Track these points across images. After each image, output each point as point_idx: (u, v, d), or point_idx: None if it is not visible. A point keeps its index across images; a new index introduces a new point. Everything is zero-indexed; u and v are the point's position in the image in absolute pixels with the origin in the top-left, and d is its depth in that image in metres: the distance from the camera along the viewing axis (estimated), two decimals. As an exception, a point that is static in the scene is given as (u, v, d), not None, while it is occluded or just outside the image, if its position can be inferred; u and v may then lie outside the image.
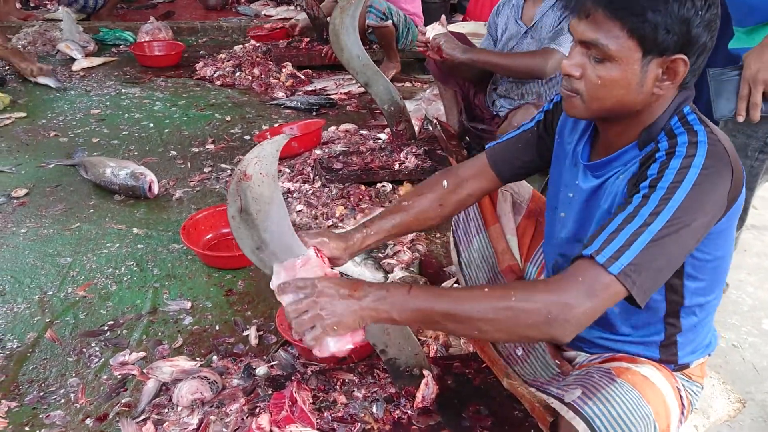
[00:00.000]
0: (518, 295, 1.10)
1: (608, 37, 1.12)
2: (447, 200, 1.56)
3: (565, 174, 1.42)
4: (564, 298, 1.07)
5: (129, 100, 3.93)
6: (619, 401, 1.14)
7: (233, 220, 1.25)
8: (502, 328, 1.11)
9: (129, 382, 1.82)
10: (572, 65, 1.19)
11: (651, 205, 1.09)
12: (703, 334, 1.40)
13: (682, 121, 1.19)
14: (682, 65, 1.12)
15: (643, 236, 1.07)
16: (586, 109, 1.21)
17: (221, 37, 5.37)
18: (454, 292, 1.18)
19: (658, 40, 1.10)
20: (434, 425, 1.57)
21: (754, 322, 2.21)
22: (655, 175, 1.12)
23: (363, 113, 3.89)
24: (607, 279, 1.07)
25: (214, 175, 3.05)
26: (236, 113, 3.81)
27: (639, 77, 1.14)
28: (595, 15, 1.13)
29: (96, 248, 2.46)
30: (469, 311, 1.11)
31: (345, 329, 1.14)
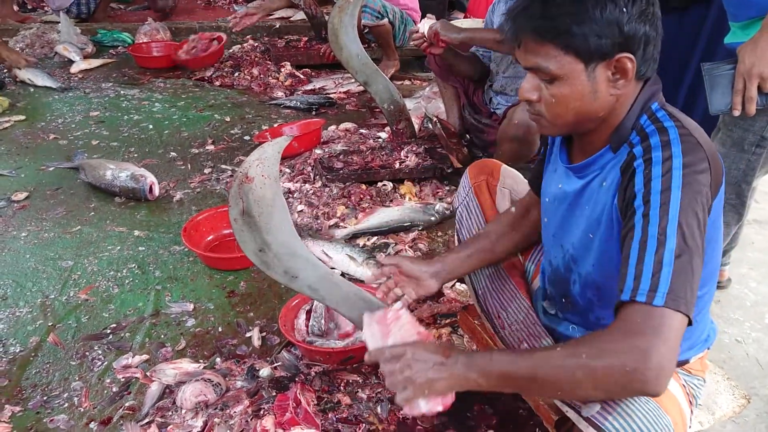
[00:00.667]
0: (587, 352, 1.07)
1: (547, 60, 1.14)
2: (519, 223, 1.62)
3: (549, 182, 1.44)
4: (634, 344, 1.02)
5: (128, 102, 3.93)
6: (639, 415, 1.13)
7: (236, 223, 1.25)
8: (583, 386, 1.07)
9: (132, 385, 1.82)
10: (528, 90, 1.21)
11: (654, 220, 1.08)
12: (700, 329, 1.39)
13: (651, 118, 1.19)
14: (629, 62, 1.13)
15: (665, 258, 1.05)
16: (554, 127, 1.24)
17: (219, 37, 5.35)
18: (532, 354, 1.17)
19: (593, 48, 1.11)
20: (439, 425, 1.58)
21: (758, 317, 2.21)
22: (643, 189, 1.12)
23: (362, 112, 3.88)
24: (658, 312, 1.03)
25: (215, 176, 3.05)
26: (235, 114, 3.80)
27: (590, 86, 1.15)
28: (526, 42, 1.17)
29: (97, 251, 2.45)
30: (546, 373, 1.09)
31: (436, 393, 1.17)
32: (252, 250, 1.28)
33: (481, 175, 1.77)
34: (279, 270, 1.31)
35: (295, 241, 1.30)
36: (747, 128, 1.78)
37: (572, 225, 1.35)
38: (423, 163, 2.89)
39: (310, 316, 1.98)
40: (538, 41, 1.14)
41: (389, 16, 4.10)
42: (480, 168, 1.80)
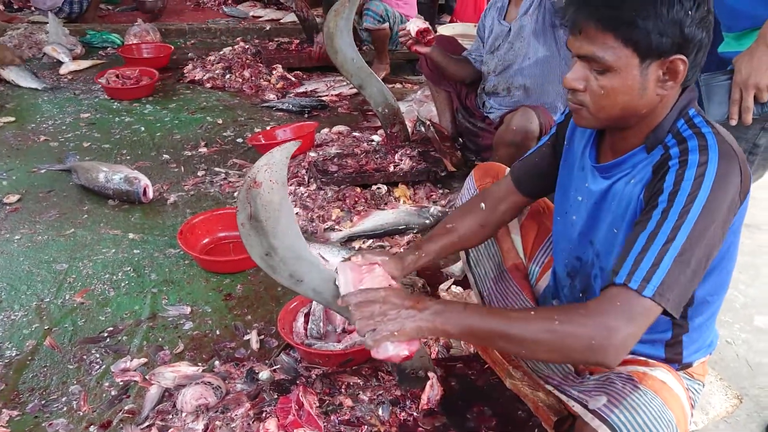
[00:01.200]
0: (561, 318, 1.13)
1: (604, 49, 1.15)
2: (487, 221, 1.62)
3: (575, 179, 1.45)
4: (605, 322, 1.09)
5: (119, 104, 3.91)
6: (644, 409, 1.16)
7: (243, 227, 1.25)
8: (549, 349, 1.14)
9: (131, 388, 1.82)
10: (575, 79, 1.21)
11: (672, 219, 1.11)
12: (707, 334, 1.42)
13: (689, 123, 1.21)
14: (682, 65, 1.15)
15: (669, 253, 1.09)
16: (595, 119, 1.24)
17: (209, 39, 5.34)
18: (505, 312, 1.24)
19: (653, 45, 1.12)
20: (440, 426, 1.59)
21: (747, 319, 2.25)
22: (672, 187, 1.14)
23: (355, 115, 3.90)
24: (644, 303, 1.09)
25: (209, 178, 3.05)
26: (228, 116, 3.80)
27: (640, 82, 1.16)
28: (587, 30, 1.16)
29: (92, 254, 2.44)
30: (516, 332, 1.15)
31: (404, 337, 1.20)
32: (258, 255, 1.28)
33: (487, 177, 1.79)
34: (285, 274, 1.32)
35: (300, 244, 1.32)
36: (740, 136, 1.81)
37: (598, 221, 1.37)
38: (417, 167, 2.91)
39: (308, 319, 1.99)
40: (599, 30, 1.15)
41: (390, 20, 4.12)
42: (485, 170, 1.82)
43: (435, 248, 1.59)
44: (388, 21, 4.10)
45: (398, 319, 1.19)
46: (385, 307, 1.21)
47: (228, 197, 2.88)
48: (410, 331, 1.19)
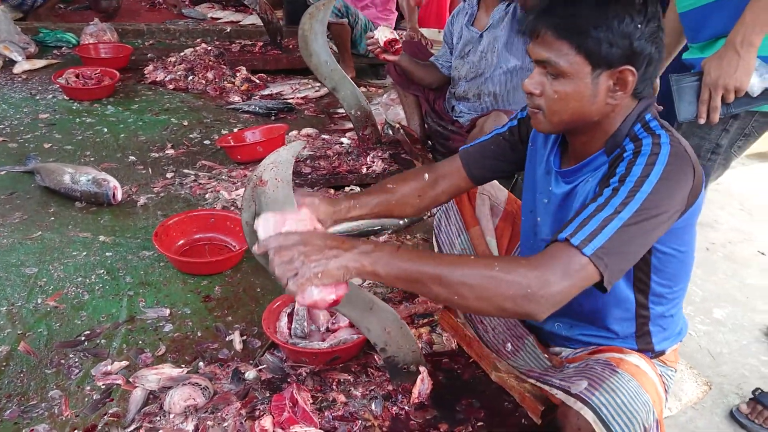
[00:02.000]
0: (501, 266, 1.14)
1: (559, 56, 1.24)
2: (425, 193, 1.64)
3: (539, 181, 1.52)
4: (543, 274, 1.12)
5: (79, 104, 3.81)
6: (623, 391, 1.23)
7: (247, 226, 1.27)
8: (482, 296, 1.13)
9: (114, 392, 1.79)
10: (533, 83, 1.30)
11: (621, 196, 1.18)
12: (674, 323, 1.52)
13: (644, 127, 1.29)
14: (630, 75, 1.23)
15: (613, 222, 1.15)
16: (549, 123, 1.32)
17: (168, 40, 5.27)
18: (441, 256, 1.24)
19: (603, 54, 1.21)
20: (431, 419, 1.63)
21: (706, 312, 2.38)
22: (623, 171, 1.21)
23: (322, 117, 3.91)
24: (582, 260, 1.13)
25: (178, 180, 3.01)
26: (193, 118, 3.75)
27: (591, 89, 1.25)
28: (544, 36, 1.25)
29: (62, 257, 2.38)
30: (452, 275, 1.13)
31: (329, 278, 1.13)
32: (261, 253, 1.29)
33: None
34: (285, 271, 1.33)
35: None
36: (704, 136, 1.93)
37: (562, 222, 1.43)
38: (389, 168, 2.96)
39: (291, 318, 2.00)
40: (555, 37, 1.23)
41: (350, 18, 4.15)
42: None
43: (371, 202, 1.57)
44: (348, 18, 4.12)
45: (321, 260, 1.12)
46: (306, 248, 1.13)
47: (199, 199, 2.86)
48: (335, 272, 1.13)
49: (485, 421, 1.65)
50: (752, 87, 1.69)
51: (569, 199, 1.41)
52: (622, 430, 1.19)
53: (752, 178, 3.65)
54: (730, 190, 3.35)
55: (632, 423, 1.19)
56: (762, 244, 2.87)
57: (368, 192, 1.61)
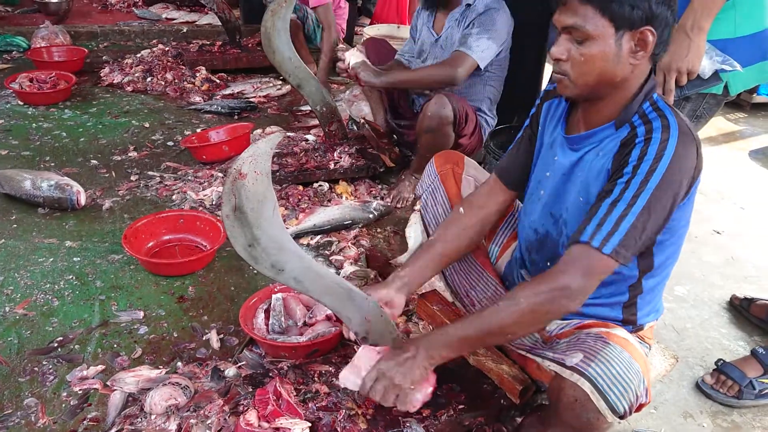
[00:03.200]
0: (527, 294, 1.32)
1: (585, 20, 1.31)
2: (469, 226, 1.71)
3: (542, 157, 1.58)
4: (565, 279, 1.29)
5: (34, 109, 3.70)
6: (617, 361, 1.29)
7: (227, 219, 1.27)
8: (529, 325, 1.37)
9: (92, 396, 1.77)
10: (559, 50, 1.36)
11: (633, 188, 1.29)
12: (657, 298, 1.59)
13: (653, 106, 1.37)
14: (651, 35, 1.31)
15: (628, 218, 1.28)
16: (575, 86, 1.38)
17: (123, 42, 5.16)
18: (478, 315, 1.38)
19: (626, 16, 1.28)
20: (413, 405, 1.66)
21: (668, 289, 2.47)
22: (636, 161, 1.30)
23: (285, 116, 3.90)
24: (602, 258, 1.28)
25: (143, 183, 2.96)
26: (154, 119, 3.70)
27: (615, 50, 1.32)
28: (570, 3, 1.33)
29: (28, 264, 2.33)
30: (497, 326, 1.35)
31: (419, 382, 1.39)
32: (242, 245, 1.30)
33: (448, 164, 1.88)
34: (266, 264, 1.34)
35: (283, 234, 1.34)
36: None
37: (566, 192, 1.49)
38: (357, 163, 2.98)
39: (268, 315, 2.01)
40: (580, 2, 1.30)
41: (299, 13, 4.13)
42: (446, 157, 1.92)
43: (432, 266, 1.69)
44: (296, 13, 4.10)
45: (405, 376, 1.37)
46: (390, 374, 1.38)
47: (166, 200, 2.82)
48: (419, 376, 1.38)
49: (466, 404, 1.69)
50: (703, 69, 1.77)
51: (575, 168, 1.47)
52: (617, 398, 1.26)
53: (705, 162, 3.78)
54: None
55: (626, 391, 1.27)
56: (716, 224, 2.99)
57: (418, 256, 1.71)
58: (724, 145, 4.08)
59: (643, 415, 1.86)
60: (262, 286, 2.23)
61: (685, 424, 1.86)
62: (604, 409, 1.26)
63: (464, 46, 2.67)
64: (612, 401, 1.26)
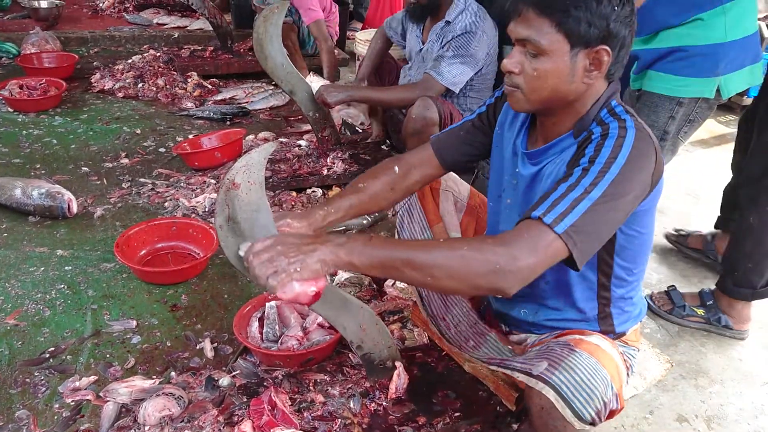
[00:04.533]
0: (470, 246, 1.19)
1: (540, 34, 1.28)
2: (397, 185, 1.67)
3: (506, 163, 1.56)
4: (511, 251, 1.17)
5: (24, 116, 3.67)
6: (581, 368, 1.28)
7: (221, 230, 1.26)
8: (454, 275, 1.18)
9: (84, 408, 1.75)
10: (512, 63, 1.34)
11: (590, 176, 1.23)
12: (633, 305, 1.58)
13: (611, 112, 1.35)
14: (606, 55, 1.28)
15: (584, 202, 1.21)
16: (527, 101, 1.36)
17: (114, 47, 5.13)
18: (411, 242, 1.30)
19: (582, 33, 1.26)
20: (409, 413, 1.66)
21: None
22: (593, 152, 1.27)
23: (278, 121, 3.89)
24: (552, 237, 1.18)
25: (135, 190, 2.95)
26: (146, 125, 3.68)
27: (570, 67, 1.29)
28: (526, 14, 1.30)
29: (18, 273, 2.31)
30: (424, 258, 1.18)
31: (308, 272, 1.17)
32: (234, 255, 1.29)
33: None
34: (260, 274, 1.33)
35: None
36: (652, 124, 2.02)
37: (530, 202, 1.46)
38: (350, 169, 2.97)
39: (263, 323, 2.00)
40: (536, 14, 1.27)
41: (294, 17, 4.12)
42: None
43: (344, 205, 1.60)
44: (291, 17, 4.09)
45: (299, 255, 1.17)
46: (283, 247, 1.18)
47: (158, 208, 2.81)
48: (313, 265, 1.17)
49: (462, 411, 1.68)
50: None
51: (537, 180, 1.45)
52: (582, 405, 1.24)
53: (697, 164, 3.81)
54: (677, 176, 3.50)
55: (592, 398, 1.25)
56: (710, 226, 3.00)
57: (340, 195, 1.63)
58: (716, 148, 4.11)
59: (638, 420, 1.86)
60: (255, 293, 2.22)
61: (681, 429, 1.86)
62: (570, 417, 1.25)
63: (435, 70, 2.70)
64: (577, 408, 1.24)
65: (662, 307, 2.33)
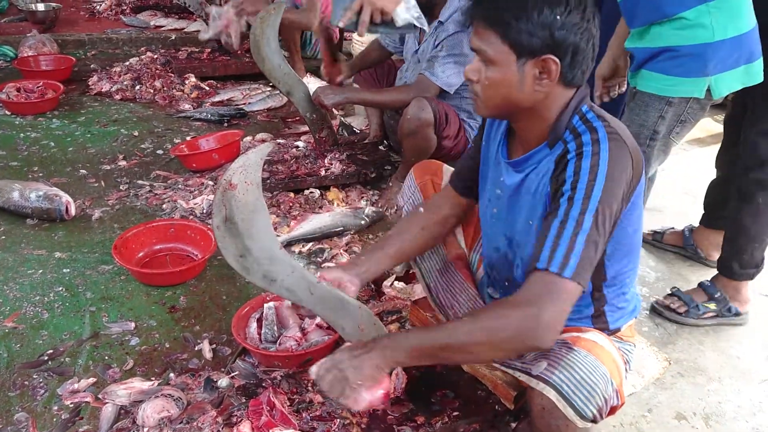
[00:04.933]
0: (488, 316, 1.26)
1: (487, 44, 1.31)
2: (428, 225, 1.73)
3: (491, 172, 1.58)
4: (531, 310, 1.20)
5: (21, 119, 3.67)
6: (580, 366, 1.29)
7: (218, 230, 1.26)
8: (492, 348, 1.25)
9: (83, 410, 1.75)
10: (471, 71, 1.37)
11: (577, 206, 1.25)
12: (627, 301, 1.59)
13: (582, 119, 1.35)
14: (554, 65, 1.28)
15: (579, 237, 1.23)
16: (485, 107, 1.39)
17: (111, 50, 5.13)
18: (441, 326, 1.35)
19: (525, 44, 1.27)
20: (408, 413, 1.66)
21: (660, 291, 2.49)
22: (572, 177, 1.28)
23: (275, 122, 3.89)
24: (563, 282, 1.21)
25: (132, 192, 2.95)
26: (143, 128, 3.68)
27: (518, 77, 1.30)
28: (476, 27, 1.33)
29: (16, 276, 2.31)
30: (457, 341, 1.25)
31: (368, 381, 1.31)
32: (233, 256, 1.30)
33: (426, 175, 1.89)
34: (258, 274, 1.34)
35: (274, 244, 1.34)
36: (642, 124, 2.03)
37: (515, 214, 1.49)
38: (347, 170, 2.97)
39: (261, 324, 2.00)
40: (485, 27, 1.30)
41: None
42: (424, 168, 1.92)
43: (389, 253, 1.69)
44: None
45: (356, 370, 1.30)
46: (340, 369, 1.32)
47: (156, 210, 2.81)
48: (370, 374, 1.30)
49: (460, 410, 1.69)
50: (397, 15, 1.80)
51: (520, 191, 1.47)
52: (584, 403, 1.26)
53: (693, 163, 3.82)
54: (674, 175, 3.50)
55: (592, 396, 1.27)
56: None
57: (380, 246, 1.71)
58: (713, 146, 4.10)
59: (636, 418, 1.87)
60: (254, 294, 2.22)
61: (679, 426, 1.86)
62: (572, 416, 1.26)
63: (429, 71, 2.70)
64: (579, 407, 1.25)
65: (678, 309, 2.30)
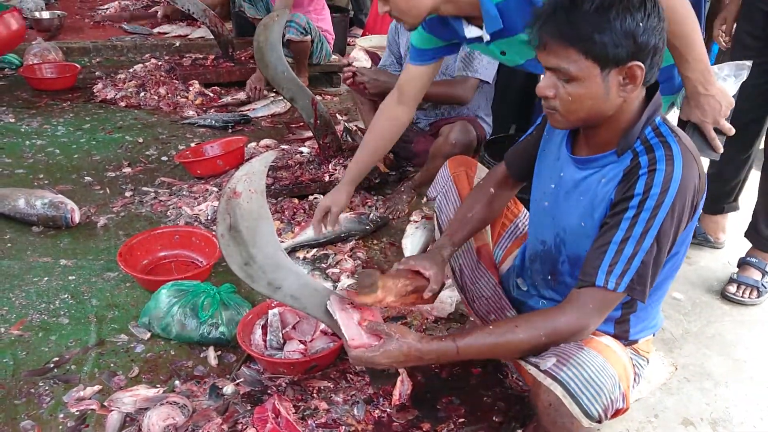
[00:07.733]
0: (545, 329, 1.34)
1: (568, 62, 1.27)
2: (493, 202, 1.77)
3: (549, 168, 1.57)
4: (581, 322, 1.33)
5: (27, 126, 3.69)
6: (589, 365, 1.30)
7: (222, 238, 1.27)
8: (539, 348, 1.36)
9: (89, 417, 1.75)
10: (545, 87, 1.33)
11: (641, 224, 1.28)
12: (652, 315, 1.58)
13: (656, 132, 1.34)
14: (639, 70, 1.27)
15: (638, 255, 1.28)
16: (566, 121, 1.37)
17: (116, 57, 5.15)
18: (491, 333, 1.37)
19: (610, 56, 1.24)
20: (413, 420, 1.66)
21: (666, 295, 2.47)
22: (642, 195, 1.29)
23: (279, 128, 3.90)
24: (616, 295, 1.33)
25: (138, 199, 2.96)
26: (148, 134, 3.69)
27: (603, 88, 1.28)
28: (551, 45, 1.28)
29: (22, 284, 2.31)
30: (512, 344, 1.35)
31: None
32: (238, 264, 1.30)
33: (461, 167, 1.92)
34: (263, 282, 1.34)
35: (278, 252, 1.34)
36: None
37: (568, 211, 1.49)
38: (352, 175, 2.97)
39: (266, 330, 2.00)
40: (561, 45, 1.26)
41: (312, 33, 4.15)
42: (459, 161, 1.96)
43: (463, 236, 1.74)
44: (310, 34, 4.14)
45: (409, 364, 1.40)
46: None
47: (161, 216, 2.81)
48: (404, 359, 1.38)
49: (466, 417, 1.68)
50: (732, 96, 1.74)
51: (579, 188, 1.46)
52: (590, 402, 1.26)
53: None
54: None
55: (599, 395, 1.27)
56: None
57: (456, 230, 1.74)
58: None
59: (643, 424, 1.86)
60: (259, 301, 2.22)
61: (686, 432, 1.85)
62: (577, 414, 1.26)
63: (469, 70, 2.71)
64: (585, 405, 1.26)
65: (750, 295, 2.43)
